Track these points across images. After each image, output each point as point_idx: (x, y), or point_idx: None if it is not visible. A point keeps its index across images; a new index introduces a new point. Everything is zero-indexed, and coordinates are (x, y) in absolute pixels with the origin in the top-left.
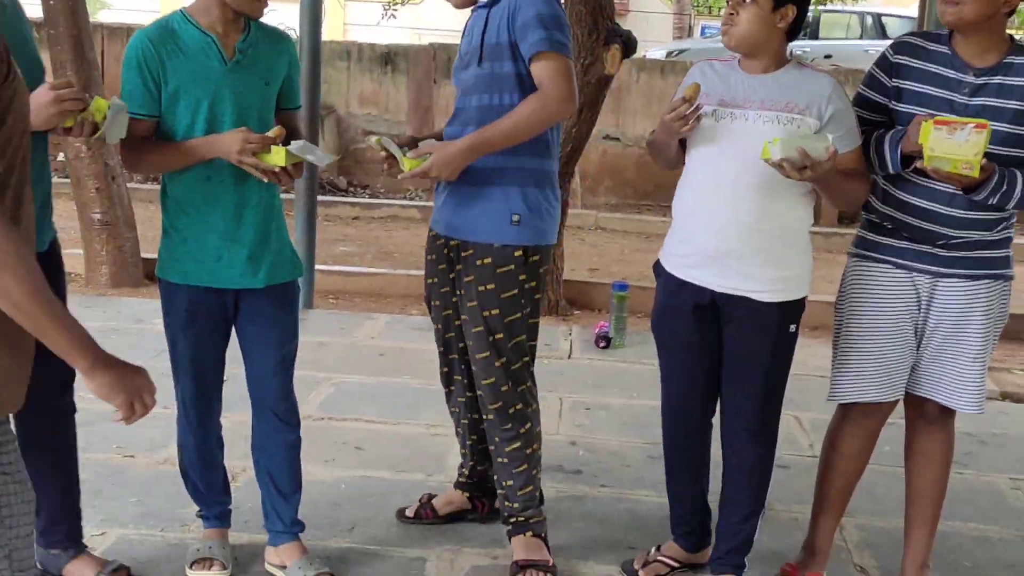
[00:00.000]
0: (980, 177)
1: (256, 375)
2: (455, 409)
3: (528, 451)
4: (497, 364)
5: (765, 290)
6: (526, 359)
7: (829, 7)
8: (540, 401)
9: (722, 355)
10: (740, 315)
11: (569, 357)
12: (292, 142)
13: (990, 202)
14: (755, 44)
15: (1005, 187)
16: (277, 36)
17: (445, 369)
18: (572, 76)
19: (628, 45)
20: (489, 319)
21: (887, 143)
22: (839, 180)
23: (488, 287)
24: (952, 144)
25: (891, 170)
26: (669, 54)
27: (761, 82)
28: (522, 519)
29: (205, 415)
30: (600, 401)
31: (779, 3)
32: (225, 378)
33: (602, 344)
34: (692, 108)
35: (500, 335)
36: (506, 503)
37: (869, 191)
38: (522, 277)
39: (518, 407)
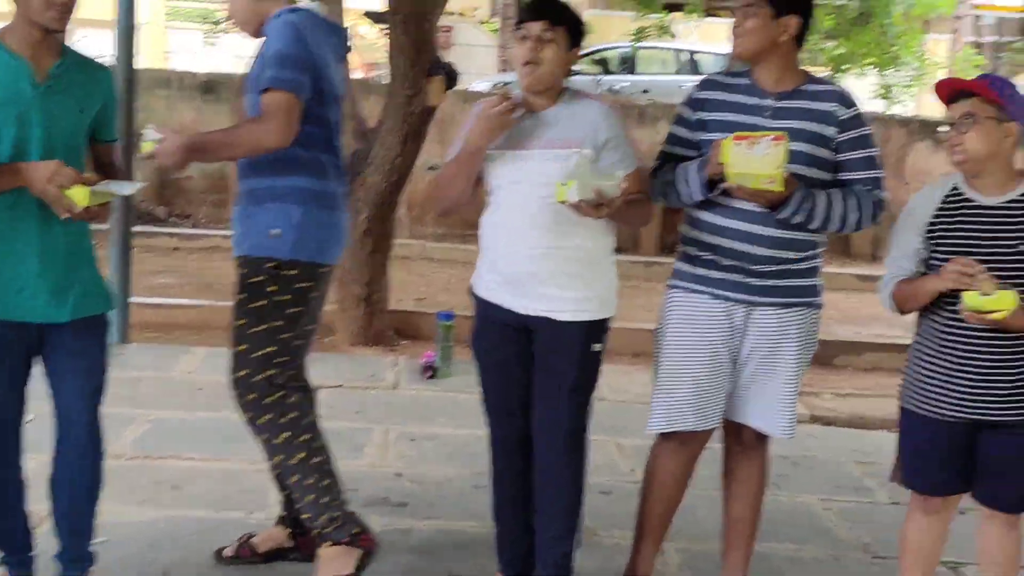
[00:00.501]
0: (785, 192)
1: (64, 411)
2: None
3: (292, 461)
4: (240, 375)
5: (566, 310)
6: (270, 372)
7: (646, 44)
8: (366, 433)
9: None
10: (545, 335)
11: (395, 388)
12: (99, 183)
13: (795, 219)
14: (557, 79)
15: (809, 204)
16: (95, 66)
17: None
18: (290, 112)
19: (451, 77)
20: (236, 330)
21: (691, 170)
22: (624, 207)
23: (240, 297)
24: (752, 158)
25: (696, 197)
26: (494, 86)
27: (543, 119)
28: (319, 530)
29: (1, 456)
30: (427, 431)
31: (574, 43)
32: (32, 417)
33: (428, 374)
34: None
35: (244, 346)
36: (304, 516)
37: (652, 211)
38: (272, 288)
39: (267, 418)
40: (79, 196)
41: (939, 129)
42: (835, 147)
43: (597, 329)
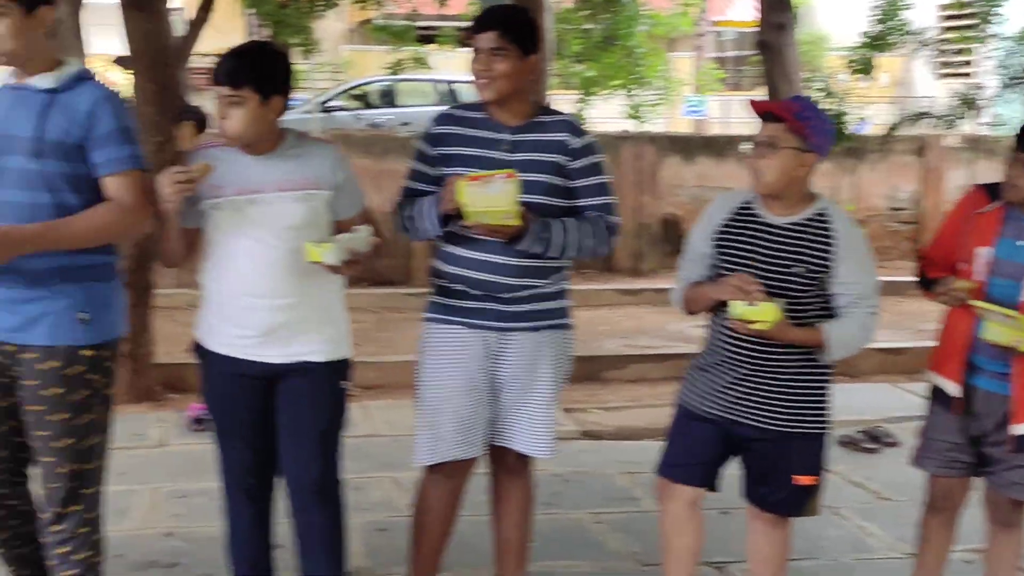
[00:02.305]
0: (523, 225)
1: None
2: None
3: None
4: (62, 471)
5: (321, 351)
6: (100, 463)
7: (404, 76)
8: (130, 495)
9: (276, 426)
10: (295, 380)
11: (162, 445)
12: None
13: (535, 250)
14: (256, 135)
15: (546, 235)
16: None
17: None
18: (148, 188)
19: (201, 121)
20: (58, 424)
21: (425, 208)
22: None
23: (55, 391)
24: (488, 197)
25: (433, 232)
26: None
27: (272, 163)
28: None
29: None
30: (198, 486)
31: (267, 96)
32: None
33: (196, 427)
34: (188, 178)
35: (71, 440)
36: None
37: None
38: (94, 377)
39: (83, 514)
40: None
41: (741, 147)
42: (568, 175)
43: (344, 367)
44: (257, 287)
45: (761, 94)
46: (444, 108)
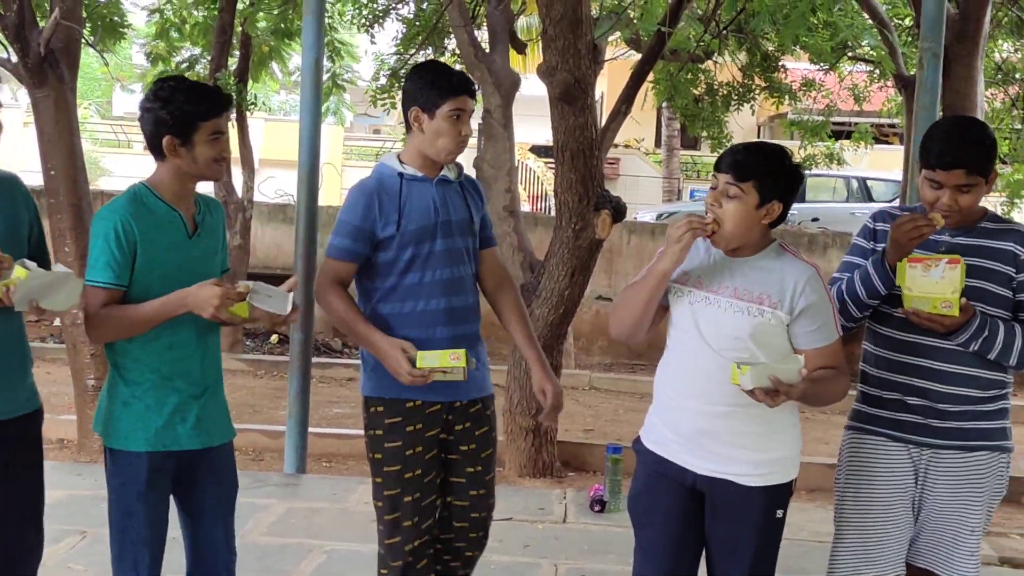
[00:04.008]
0: (961, 318)
1: None
2: None
3: None
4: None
5: (749, 474)
6: None
7: (816, 171)
8: (535, 568)
9: (705, 542)
10: (724, 499)
11: (564, 521)
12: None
13: (972, 348)
14: (742, 239)
15: (987, 332)
16: (215, 205)
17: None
18: (326, 271)
19: (618, 210)
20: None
21: (870, 267)
22: (813, 387)
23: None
24: (929, 282)
25: (881, 288)
26: (659, 216)
27: (738, 266)
28: None
29: None
30: (596, 568)
31: (765, 199)
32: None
33: (597, 508)
34: (707, 223)
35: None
36: None
37: (848, 387)
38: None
39: None
40: (241, 310)
41: None
42: (1015, 287)
43: (782, 494)
44: (694, 387)
45: None
46: (883, 205)
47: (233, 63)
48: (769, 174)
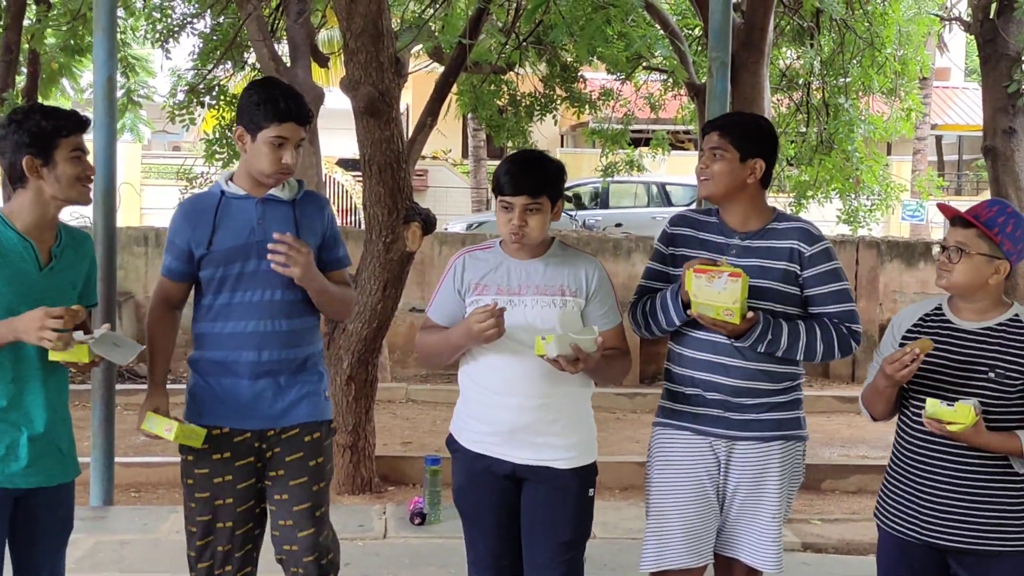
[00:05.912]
0: (743, 325)
1: None
2: None
3: None
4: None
5: (561, 458)
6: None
7: (617, 179)
8: None
9: (522, 520)
10: (542, 483)
11: (384, 537)
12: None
13: (758, 349)
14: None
15: (770, 336)
16: (82, 237)
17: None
18: (156, 290)
19: (427, 222)
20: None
21: (668, 296)
22: (602, 362)
23: (318, 461)
24: (712, 292)
25: (676, 320)
26: (469, 227)
27: (533, 267)
28: None
29: None
30: None
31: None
32: None
33: (417, 521)
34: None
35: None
36: None
37: (630, 366)
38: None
39: None
40: (81, 354)
41: (934, 250)
42: (802, 283)
43: (590, 474)
44: (509, 388)
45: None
46: (682, 209)
47: (21, 81)
48: (554, 184)
